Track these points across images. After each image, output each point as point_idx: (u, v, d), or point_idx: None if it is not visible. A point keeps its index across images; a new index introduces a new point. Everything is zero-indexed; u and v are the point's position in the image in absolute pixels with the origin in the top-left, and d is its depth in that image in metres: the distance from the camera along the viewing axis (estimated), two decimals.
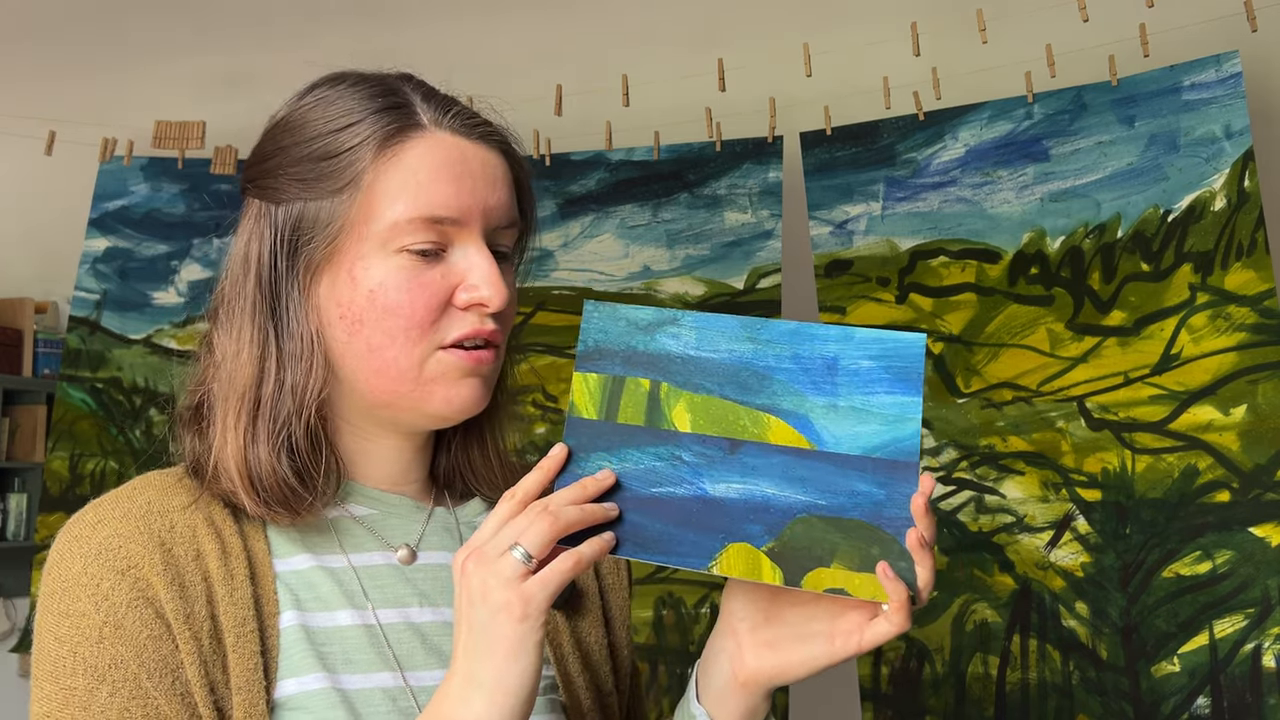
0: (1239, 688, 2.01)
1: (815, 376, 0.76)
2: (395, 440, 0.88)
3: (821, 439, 0.76)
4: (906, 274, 2.39)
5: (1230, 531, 2.05)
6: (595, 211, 2.68)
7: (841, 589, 0.73)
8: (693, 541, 0.75)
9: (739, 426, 0.77)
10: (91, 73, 3.44)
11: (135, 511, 0.79)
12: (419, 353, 0.82)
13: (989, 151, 2.37)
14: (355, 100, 0.84)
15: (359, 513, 0.88)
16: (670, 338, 0.79)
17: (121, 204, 2.94)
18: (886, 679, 2.27)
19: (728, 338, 0.79)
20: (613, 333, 0.80)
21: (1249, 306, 2.09)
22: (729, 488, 0.76)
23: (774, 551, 0.74)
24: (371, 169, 0.81)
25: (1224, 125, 2.17)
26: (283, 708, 0.78)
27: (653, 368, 0.79)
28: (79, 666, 0.75)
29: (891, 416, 0.75)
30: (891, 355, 0.76)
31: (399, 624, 0.84)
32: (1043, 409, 2.24)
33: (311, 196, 0.82)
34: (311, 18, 3.25)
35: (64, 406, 2.86)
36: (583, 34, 3.09)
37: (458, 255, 0.83)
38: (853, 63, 2.53)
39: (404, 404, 0.84)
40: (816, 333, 0.77)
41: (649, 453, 0.78)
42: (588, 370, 0.80)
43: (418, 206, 0.81)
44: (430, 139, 0.83)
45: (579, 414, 0.79)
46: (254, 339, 0.83)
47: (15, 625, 3.44)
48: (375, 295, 0.81)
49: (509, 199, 0.86)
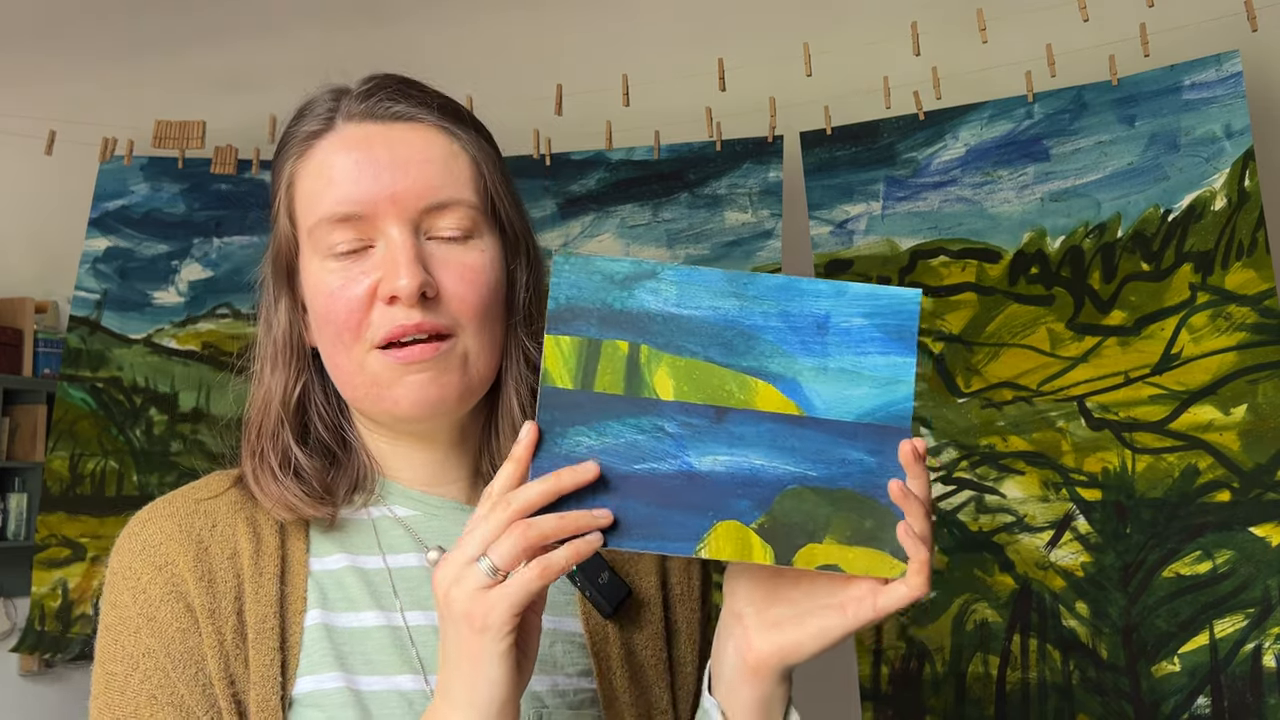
0: (1239, 688, 2.01)
1: (805, 336, 0.72)
2: (414, 441, 0.87)
3: (811, 404, 0.72)
4: (907, 274, 2.39)
5: (1230, 531, 2.05)
6: (595, 211, 2.68)
7: (835, 565, 0.70)
8: (679, 522, 0.70)
9: (725, 392, 0.72)
10: (91, 73, 3.44)
11: (182, 510, 0.83)
12: (357, 355, 0.81)
13: (989, 151, 2.37)
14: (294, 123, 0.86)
15: (401, 513, 0.87)
16: (650, 293, 0.73)
17: (121, 204, 2.94)
18: (886, 679, 2.27)
19: (712, 293, 0.73)
20: (586, 288, 0.73)
21: (1249, 306, 2.09)
22: (716, 460, 0.71)
23: (764, 528, 0.70)
24: (293, 179, 0.84)
25: (1224, 125, 2.17)
26: (298, 704, 0.79)
27: (631, 328, 0.72)
28: (119, 653, 0.80)
29: (884, 378, 0.71)
30: (885, 312, 0.72)
31: (426, 627, 0.83)
32: (1043, 409, 2.24)
33: (275, 217, 0.87)
34: (311, 18, 3.25)
35: (64, 406, 2.86)
36: (583, 34, 3.09)
37: (379, 248, 0.81)
38: (853, 63, 2.53)
39: (371, 409, 0.84)
40: (807, 288, 0.73)
41: (629, 424, 0.71)
42: (560, 332, 0.72)
43: (323, 207, 0.81)
44: (334, 136, 0.83)
45: (553, 383, 0.72)
46: (262, 353, 0.88)
47: (15, 625, 3.43)
48: (314, 303, 0.83)
49: (438, 177, 0.81)
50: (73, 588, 2.83)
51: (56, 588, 2.83)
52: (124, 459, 2.84)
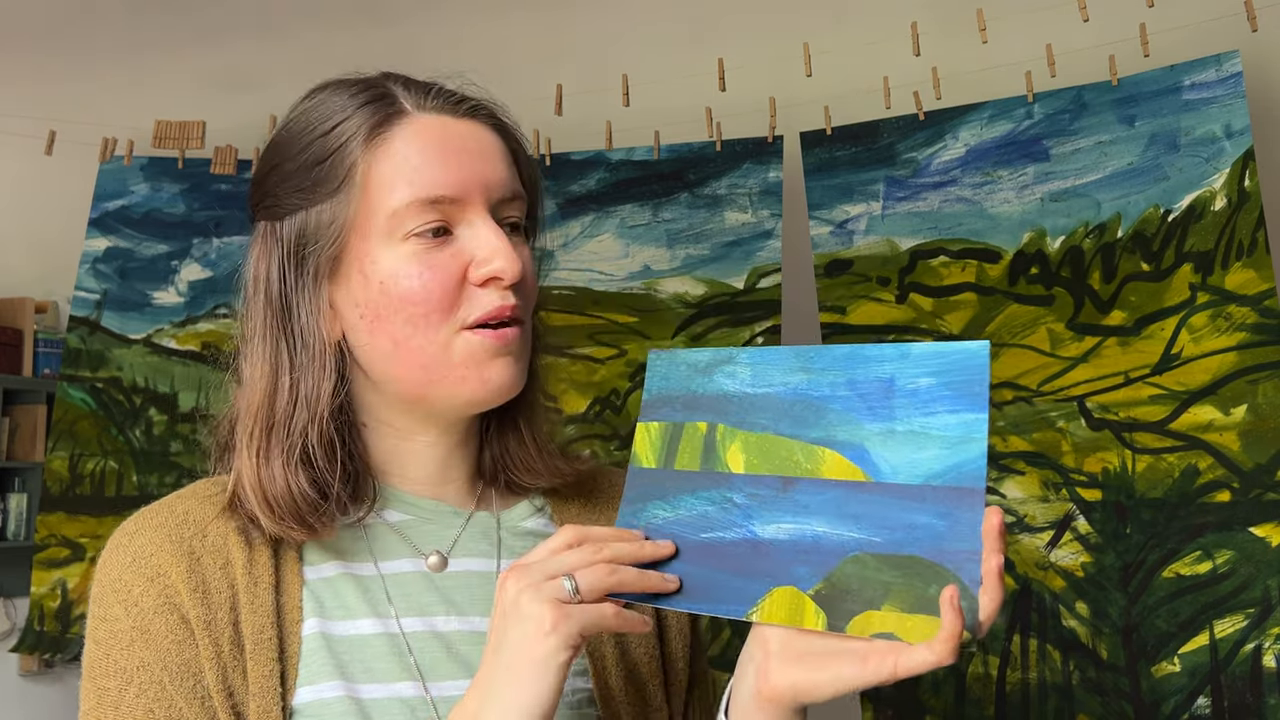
0: (1239, 688, 2.01)
1: (872, 401, 0.71)
2: (431, 436, 0.87)
3: (878, 469, 0.70)
4: (907, 274, 2.39)
5: (1230, 531, 2.05)
6: (595, 211, 2.68)
7: (891, 634, 0.66)
8: (737, 588, 0.71)
9: (792, 463, 0.73)
10: (91, 73, 3.44)
11: (171, 521, 0.82)
12: (443, 337, 0.81)
13: (989, 151, 2.37)
14: (338, 101, 0.84)
15: (394, 519, 0.87)
16: (727, 377, 0.77)
17: (121, 204, 2.94)
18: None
19: (782, 370, 0.75)
20: (674, 379, 0.79)
21: (1249, 306, 2.09)
22: (779, 528, 0.72)
23: (820, 594, 0.69)
24: (363, 162, 0.81)
25: (1224, 125, 2.17)
26: (299, 714, 0.78)
27: (710, 410, 0.77)
28: (111, 668, 0.78)
29: (954, 438, 0.68)
30: (952, 369, 0.69)
31: (423, 633, 0.83)
32: (1043, 409, 2.24)
33: (312, 203, 0.82)
34: (311, 18, 3.25)
35: (64, 406, 2.86)
36: (583, 34, 3.09)
37: (465, 233, 0.81)
38: (853, 63, 2.53)
39: (439, 392, 0.83)
40: (871, 354, 0.72)
41: (702, 497, 0.75)
42: (650, 419, 0.79)
43: (414, 190, 0.80)
44: (416, 122, 0.82)
45: (639, 464, 0.78)
46: (266, 356, 0.84)
47: (15, 625, 3.43)
48: (387, 286, 0.81)
49: (507, 171, 0.84)
50: (72, 588, 2.83)
51: (56, 588, 2.83)
52: (124, 459, 2.84)
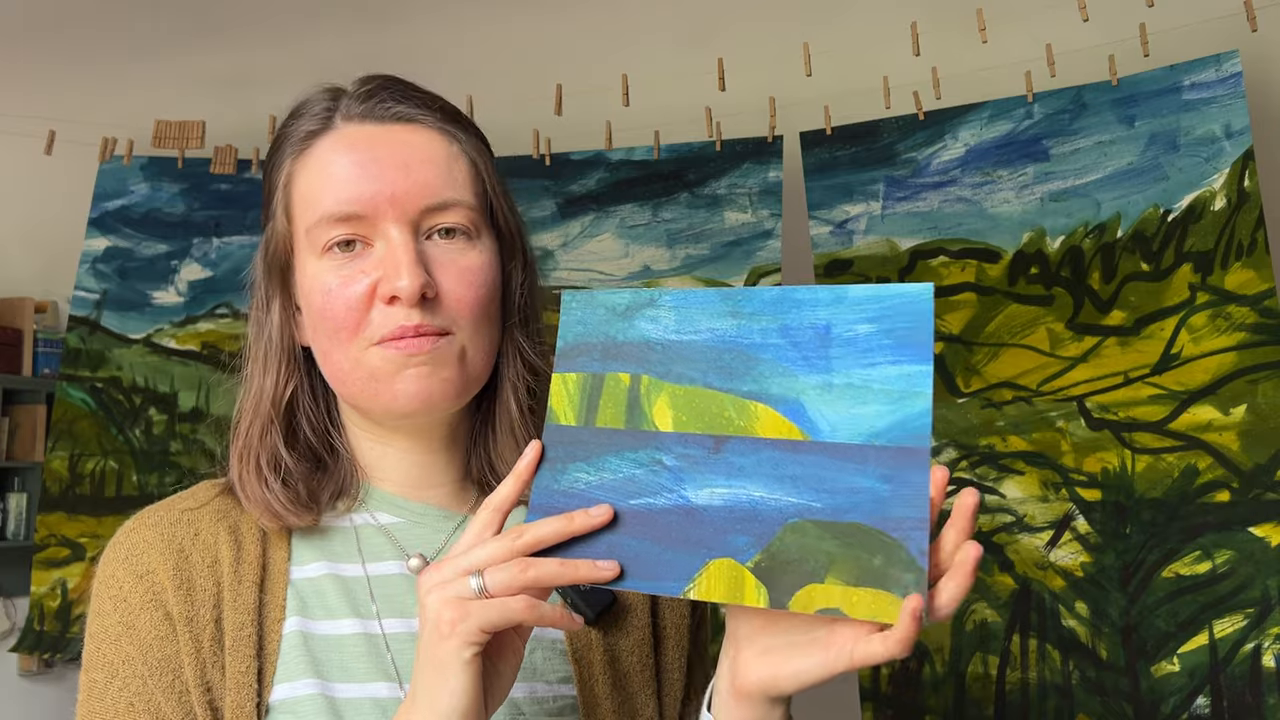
0: (1239, 688, 2.01)
1: (807, 350, 0.65)
2: (405, 442, 0.87)
3: (816, 427, 0.64)
4: (906, 274, 2.39)
5: (1230, 531, 2.05)
6: (595, 211, 2.68)
7: (836, 609, 0.61)
8: (671, 561, 0.65)
9: (724, 419, 0.66)
10: (91, 73, 3.44)
11: (167, 519, 0.84)
12: (355, 352, 0.81)
13: (989, 151, 2.37)
14: (297, 111, 0.87)
15: (384, 520, 0.87)
16: (649, 321, 0.69)
17: (121, 204, 2.94)
18: (886, 679, 2.27)
19: (709, 314, 0.68)
20: (591, 323, 0.71)
21: (1249, 306, 2.09)
22: (713, 493, 0.65)
23: (760, 567, 0.63)
24: (293, 174, 0.84)
25: (1224, 125, 2.17)
26: (274, 711, 0.79)
27: (632, 358, 0.69)
28: (100, 661, 0.81)
29: (896, 393, 0.62)
30: (892, 314, 0.63)
31: (403, 634, 0.83)
32: (1043, 409, 2.24)
33: (270, 216, 0.87)
34: (311, 18, 3.25)
35: (64, 406, 2.86)
36: (583, 34, 3.09)
37: (379, 247, 0.81)
38: (853, 62, 2.53)
39: (368, 405, 0.83)
40: (804, 297, 0.66)
41: (629, 459, 0.68)
42: (566, 370, 0.71)
43: (323, 205, 0.81)
44: (334, 135, 0.83)
45: (556, 420, 0.70)
46: (259, 356, 0.87)
47: (15, 625, 3.43)
48: (311, 299, 0.83)
49: (437, 178, 0.82)
50: (72, 588, 2.83)
51: (56, 588, 2.83)
52: (123, 459, 2.84)
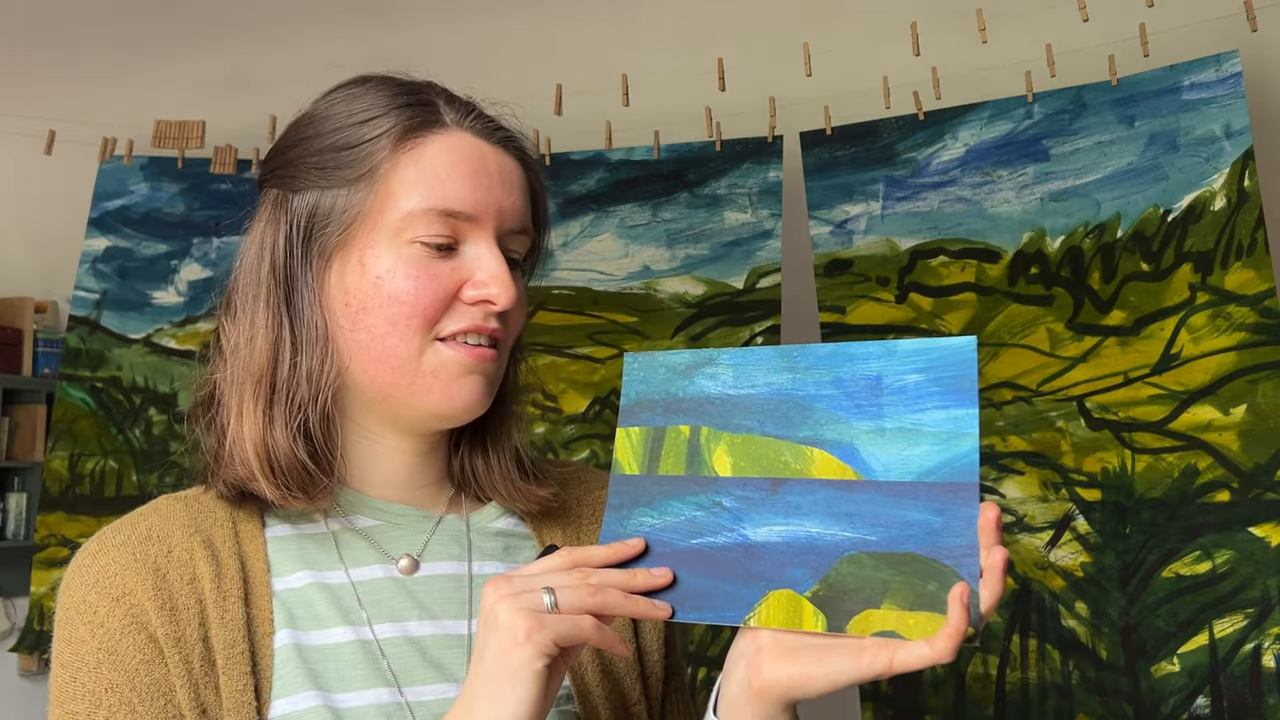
0: (1239, 688, 2.01)
1: (859, 400, 0.71)
2: (400, 440, 0.87)
3: (869, 468, 0.70)
4: (906, 274, 2.39)
5: (1230, 531, 2.05)
6: (595, 211, 2.68)
7: (893, 631, 0.66)
8: (731, 593, 0.71)
9: (780, 463, 0.72)
10: (91, 73, 3.44)
11: (134, 539, 0.81)
12: (418, 343, 0.82)
13: (989, 151, 2.37)
14: (379, 97, 0.85)
15: (362, 525, 0.87)
16: (708, 379, 0.76)
17: (121, 203, 2.94)
18: (886, 679, 2.27)
19: (765, 370, 0.75)
20: (653, 382, 0.78)
21: (1249, 306, 2.09)
22: (771, 531, 0.71)
23: (818, 596, 0.68)
24: (390, 160, 0.83)
25: (1224, 125, 2.17)
26: None
27: (692, 412, 0.76)
28: (79, 691, 0.77)
29: (945, 434, 0.68)
30: (939, 365, 0.70)
31: (396, 638, 0.83)
32: (1042, 409, 2.24)
33: (329, 185, 0.84)
34: (311, 18, 3.25)
35: (64, 406, 2.86)
36: (583, 34, 3.09)
37: (469, 252, 0.83)
38: (853, 63, 2.53)
39: (402, 397, 0.83)
40: (856, 352, 0.72)
41: (690, 502, 0.74)
42: (630, 424, 0.78)
43: (433, 199, 0.81)
44: (451, 136, 0.84)
45: (621, 470, 0.77)
46: (269, 324, 0.84)
47: (15, 625, 3.43)
48: (381, 282, 0.82)
49: (523, 206, 0.86)
50: None
51: (56, 588, 2.83)
52: (123, 459, 2.84)
